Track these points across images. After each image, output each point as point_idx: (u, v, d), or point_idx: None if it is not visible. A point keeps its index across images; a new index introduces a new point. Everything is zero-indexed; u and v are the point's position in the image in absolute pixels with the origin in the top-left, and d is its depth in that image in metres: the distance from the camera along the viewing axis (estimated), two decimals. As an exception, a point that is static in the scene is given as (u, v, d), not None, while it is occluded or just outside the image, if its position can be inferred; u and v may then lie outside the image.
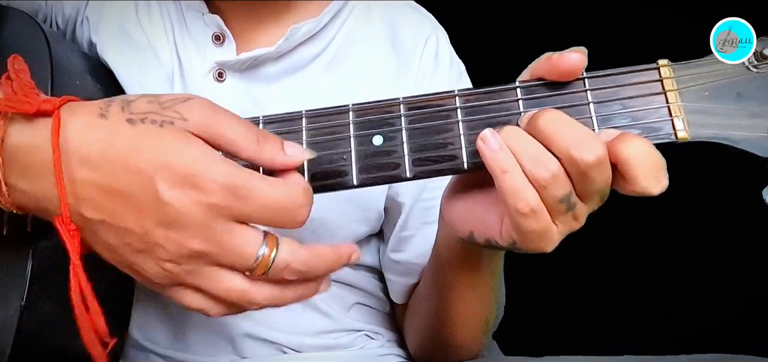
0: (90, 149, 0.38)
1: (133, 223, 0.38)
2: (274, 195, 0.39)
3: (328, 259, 0.41)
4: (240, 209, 0.38)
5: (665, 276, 1.42)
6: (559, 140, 0.40)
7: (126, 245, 0.38)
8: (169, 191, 0.37)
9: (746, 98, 0.43)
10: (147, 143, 0.38)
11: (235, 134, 0.40)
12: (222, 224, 0.38)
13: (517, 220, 0.41)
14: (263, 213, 0.39)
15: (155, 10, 0.65)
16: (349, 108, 0.45)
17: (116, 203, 0.38)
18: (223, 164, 0.38)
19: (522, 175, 0.40)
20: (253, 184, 0.38)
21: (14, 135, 0.39)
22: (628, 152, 0.40)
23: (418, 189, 0.64)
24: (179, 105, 0.39)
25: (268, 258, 0.39)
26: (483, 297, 0.58)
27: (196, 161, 0.38)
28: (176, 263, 0.38)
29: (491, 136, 0.41)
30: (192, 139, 0.38)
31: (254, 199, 0.38)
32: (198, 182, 0.37)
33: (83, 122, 0.39)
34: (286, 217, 0.39)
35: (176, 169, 0.37)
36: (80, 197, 0.38)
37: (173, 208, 0.37)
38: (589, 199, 0.42)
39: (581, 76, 0.44)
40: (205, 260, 0.38)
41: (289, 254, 0.39)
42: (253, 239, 0.39)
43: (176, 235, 0.37)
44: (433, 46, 0.66)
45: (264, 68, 0.62)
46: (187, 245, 0.38)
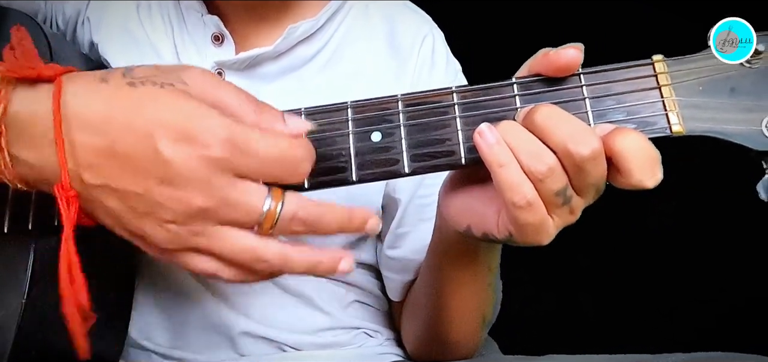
0: (91, 113, 0.38)
1: (135, 184, 0.37)
2: (275, 148, 0.39)
3: (338, 215, 0.41)
4: (241, 163, 0.38)
5: (660, 271, 1.42)
6: (556, 134, 0.41)
7: (129, 209, 0.38)
8: (168, 147, 0.37)
9: (740, 92, 0.43)
10: (147, 102, 0.38)
11: (234, 101, 0.40)
12: (224, 178, 0.37)
13: (513, 213, 0.41)
14: (265, 167, 0.38)
15: (155, 11, 0.65)
16: (348, 105, 0.45)
17: (117, 166, 0.37)
18: (222, 118, 0.38)
19: (518, 168, 0.41)
20: (254, 137, 0.38)
21: (17, 104, 0.39)
22: (623, 146, 0.40)
23: (414, 186, 0.64)
24: (179, 71, 0.40)
25: (275, 211, 0.38)
26: (480, 291, 0.59)
27: (195, 116, 0.37)
28: (181, 223, 0.38)
29: (488, 130, 0.42)
30: (191, 98, 0.38)
31: (255, 152, 0.38)
32: (197, 136, 0.37)
33: (84, 87, 0.39)
34: (288, 170, 0.39)
35: (175, 125, 0.37)
36: (81, 161, 0.38)
37: (174, 164, 0.37)
38: (584, 192, 0.42)
39: (577, 72, 0.44)
40: (209, 218, 0.38)
41: (296, 204, 0.39)
42: (257, 193, 0.38)
43: (178, 192, 0.37)
44: (429, 46, 0.67)
45: (262, 68, 0.63)
46: (190, 201, 0.37)
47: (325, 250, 0.42)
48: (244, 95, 0.41)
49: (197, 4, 0.63)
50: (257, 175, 0.39)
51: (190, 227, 0.38)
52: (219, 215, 0.38)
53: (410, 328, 0.68)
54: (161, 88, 0.38)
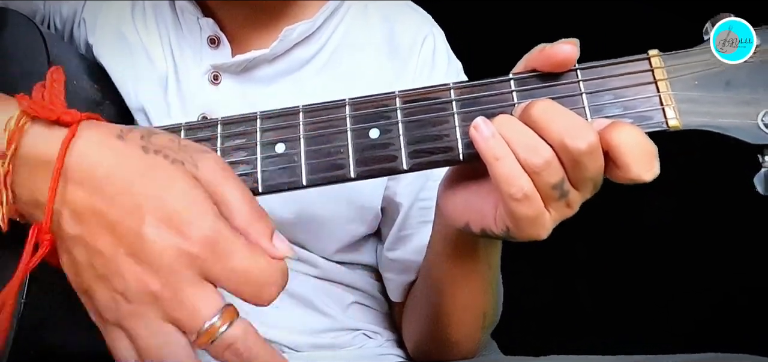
0: (97, 167, 0.38)
1: (106, 245, 0.37)
2: (250, 264, 0.37)
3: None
4: (213, 265, 0.37)
5: (658, 265, 1.42)
6: (553, 129, 0.41)
7: (90, 266, 0.38)
8: (151, 227, 0.36)
9: (735, 86, 0.43)
10: (153, 173, 0.38)
11: (236, 198, 0.39)
12: (188, 274, 0.36)
13: (510, 206, 0.41)
14: (233, 277, 0.37)
15: (151, 13, 0.65)
16: (346, 102, 0.46)
17: (98, 224, 0.37)
18: (213, 217, 0.37)
19: (515, 161, 0.41)
20: (236, 246, 0.37)
21: (29, 145, 0.39)
22: (620, 139, 0.40)
23: (415, 189, 0.64)
24: (196, 153, 0.39)
25: (216, 330, 0.36)
26: (480, 289, 0.59)
27: (190, 204, 0.37)
28: (128, 299, 0.37)
29: (483, 124, 0.42)
30: (195, 183, 0.38)
31: (230, 260, 0.37)
32: (184, 226, 0.36)
33: (98, 139, 0.39)
34: (255, 289, 0.38)
35: (168, 207, 0.37)
36: (69, 208, 0.38)
37: (148, 243, 0.36)
38: (581, 186, 0.42)
39: (574, 67, 0.45)
40: (156, 306, 0.37)
41: (240, 333, 0.37)
42: (211, 303, 0.37)
43: (139, 269, 0.36)
44: (430, 46, 0.66)
45: (259, 70, 0.63)
46: (147, 282, 0.36)
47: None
48: (248, 198, 0.40)
49: (193, 6, 0.63)
50: (223, 282, 0.37)
51: (135, 306, 0.37)
52: (166, 306, 0.37)
53: (411, 328, 0.68)
54: (172, 164, 0.38)
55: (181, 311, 0.37)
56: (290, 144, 0.45)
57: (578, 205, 0.43)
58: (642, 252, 1.43)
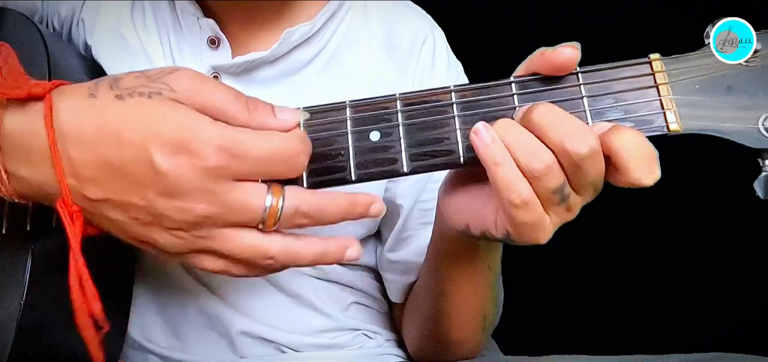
0: (84, 129, 0.38)
1: (136, 196, 0.38)
2: (270, 147, 0.39)
3: (340, 203, 0.41)
4: (238, 167, 0.38)
5: (659, 270, 1.42)
6: (553, 133, 0.41)
7: (133, 220, 0.39)
8: (164, 160, 0.37)
9: (737, 90, 0.43)
10: (137, 115, 0.38)
11: (225, 101, 0.40)
12: (223, 184, 0.38)
13: (510, 212, 0.41)
14: (262, 166, 0.39)
15: (150, 14, 0.65)
16: (347, 105, 0.45)
17: (117, 179, 0.38)
18: (213, 126, 0.38)
19: (514, 167, 0.41)
20: (247, 139, 0.38)
21: (9, 122, 0.39)
22: (620, 143, 0.40)
23: (416, 191, 0.64)
24: (166, 76, 0.40)
25: (277, 207, 0.39)
26: (480, 291, 0.59)
27: (186, 126, 0.38)
28: (185, 230, 0.38)
29: (483, 129, 0.42)
30: (180, 106, 0.38)
31: (250, 154, 0.38)
32: (191, 146, 0.37)
33: (74, 104, 0.39)
34: (285, 166, 0.40)
35: (168, 136, 0.37)
36: (81, 177, 0.38)
37: (171, 176, 0.37)
38: (582, 190, 0.42)
39: (575, 70, 0.45)
40: (213, 222, 0.38)
41: (298, 198, 0.39)
42: (257, 193, 0.39)
43: (179, 202, 0.37)
44: (430, 48, 0.66)
45: (259, 72, 0.62)
46: (192, 210, 0.38)
47: (332, 239, 0.42)
48: (233, 93, 0.41)
49: (193, 7, 0.62)
50: (255, 175, 0.39)
51: (196, 232, 0.39)
52: (222, 219, 0.38)
53: (411, 329, 0.68)
54: (149, 98, 0.38)
55: (238, 214, 0.38)
56: None
57: (579, 209, 0.43)
58: (642, 253, 1.43)
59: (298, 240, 0.41)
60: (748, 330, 1.08)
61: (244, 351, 0.64)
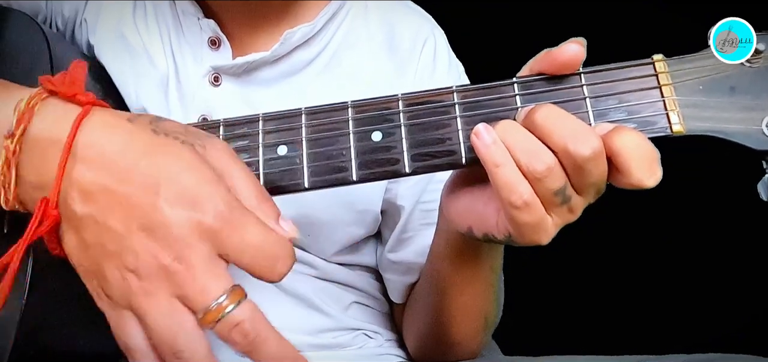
0: (109, 146, 0.38)
1: (118, 223, 0.37)
2: (263, 239, 0.38)
3: (284, 353, 0.38)
4: (227, 239, 0.37)
5: (661, 271, 1.42)
6: (555, 134, 0.41)
7: (99, 245, 0.38)
8: (167, 204, 0.37)
9: (740, 91, 0.43)
10: (164, 152, 0.38)
11: (243, 180, 0.40)
12: (202, 247, 0.37)
13: (511, 213, 0.41)
14: (247, 251, 0.38)
15: (151, 14, 0.65)
16: (348, 105, 0.45)
17: (110, 202, 0.37)
18: (227, 194, 0.38)
19: (515, 168, 0.41)
20: (249, 221, 0.38)
21: (38, 125, 0.39)
22: (622, 144, 0.40)
23: (417, 192, 0.64)
24: (204, 138, 0.40)
25: (224, 309, 0.36)
26: (482, 292, 0.59)
27: (203, 182, 0.37)
28: (139, 275, 0.37)
29: (484, 130, 0.42)
30: (206, 163, 0.38)
31: (244, 234, 0.37)
32: (198, 201, 0.37)
33: (109, 121, 0.39)
34: (268, 264, 0.38)
35: (182, 184, 0.37)
36: (77, 187, 0.38)
37: (163, 216, 0.36)
38: (584, 192, 0.42)
39: (578, 71, 0.45)
40: (167, 281, 0.37)
41: (248, 315, 0.37)
42: (220, 281, 0.37)
43: (153, 245, 0.36)
44: (430, 49, 0.66)
45: (260, 72, 0.62)
46: (159, 257, 0.36)
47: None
48: (253, 181, 0.40)
49: (194, 7, 0.62)
50: (238, 256, 0.38)
51: (146, 283, 0.37)
52: (177, 281, 0.37)
53: (412, 329, 0.68)
54: (182, 144, 0.39)
55: (192, 286, 0.37)
56: (292, 146, 0.45)
57: (581, 210, 0.43)
58: (643, 253, 1.43)
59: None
60: (749, 331, 1.08)
61: (244, 351, 0.64)
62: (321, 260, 0.65)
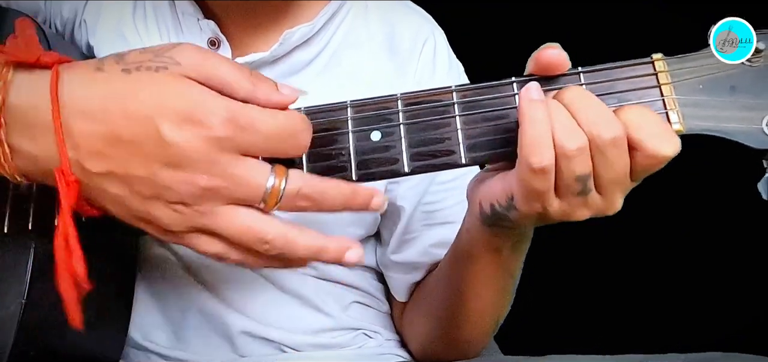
0: (89, 102, 0.38)
1: (140, 168, 0.38)
2: (275, 122, 0.39)
3: (343, 191, 0.41)
4: (244, 140, 0.38)
5: (661, 270, 1.42)
6: (582, 116, 0.41)
7: (135, 194, 0.38)
8: (171, 131, 0.37)
9: (740, 90, 0.43)
10: (144, 88, 0.38)
11: (228, 73, 0.40)
12: (228, 157, 0.38)
13: (524, 175, 0.41)
14: (267, 141, 0.39)
15: (151, 15, 0.64)
16: (347, 104, 0.45)
17: (121, 151, 0.38)
18: (221, 99, 0.39)
19: (547, 133, 0.41)
20: (254, 114, 0.39)
21: (15, 94, 0.39)
22: (628, 118, 0.41)
23: (418, 193, 0.64)
24: (171, 51, 0.40)
25: (279, 187, 0.39)
26: (498, 295, 0.58)
27: (195, 98, 0.38)
28: (187, 204, 0.38)
29: (535, 88, 0.42)
30: (186, 80, 0.39)
31: (256, 128, 0.39)
32: (199, 117, 0.37)
33: (81, 77, 0.39)
34: (289, 143, 0.40)
35: (176, 108, 0.37)
36: (83, 149, 0.38)
37: (178, 146, 0.37)
38: (604, 188, 0.42)
39: (577, 70, 0.45)
40: (215, 197, 0.38)
41: (300, 180, 0.40)
42: (261, 170, 0.39)
43: (184, 174, 0.38)
44: (430, 50, 0.66)
45: (259, 72, 0.62)
46: (196, 182, 0.38)
47: (332, 237, 0.42)
48: (237, 67, 0.41)
49: (193, 8, 0.62)
50: (260, 150, 0.39)
51: (197, 207, 0.39)
52: (224, 193, 0.39)
53: (418, 327, 0.67)
54: (156, 72, 0.39)
55: (240, 190, 0.39)
56: None
57: (594, 210, 0.43)
58: (642, 253, 1.43)
59: (297, 229, 0.41)
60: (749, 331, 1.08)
61: (244, 351, 0.64)
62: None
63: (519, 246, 0.53)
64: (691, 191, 1.24)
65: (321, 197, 0.41)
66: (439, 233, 0.64)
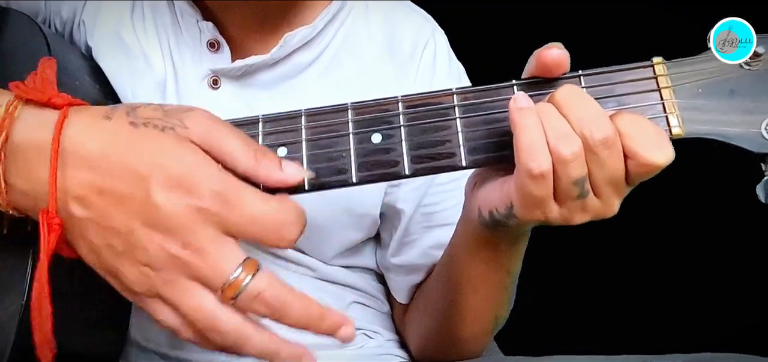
0: (91, 148, 0.38)
1: (120, 223, 0.38)
2: (263, 208, 0.38)
3: (309, 311, 0.39)
4: (228, 217, 0.38)
5: (660, 272, 1.43)
6: (573, 115, 0.41)
7: (108, 247, 0.38)
8: (160, 193, 0.37)
9: (740, 94, 0.43)
10: (147, 145, 0.38)
11: (234, 146, 0.40)
12: (207, 230, 0.37)
13: (523, 181, 0.41)
14: (251, 226, 0.38)
15: (149, 16, 0.64)
16: (348, 107, 0.45)
17: (107, 203, 0.38)
18: (218, 172, 0.38)
19: (542, 137, 0.41)
20: (245, 194, 0.38)
21: (20, 132, 0.39)
22: (621, 125, 0.41)
23: (418, 196, 0.64)
24: (182, 114, 0.40)
25: (240, 282, 0.38)
26: (496, 293, 0.58)
27: (192, 166, 0.38)
28: (154, 268, 0.38)
29: (523, 96, 0.42)
30: (191, 146, 0.39)
31: (243, 209, 0.38)
32: (191, 186, 0.37)
33: (87, 122, 0.39)
34: (274, 233, 0.39)
35: (171, 172, 0.38)
36: (72, 193, 0.38)
37: (162, 209, 0.37)
38: (601, 191, 0.42)
39: (576, 73, 0.45)
40: (180, 268, 0.38)
41: (266, 283, 0.38)
42: (232, 256, 0.38)
43: (159, 237, 0.37)
44: (430, 52, 0.66)
45: (259, 75, 0.62)
46: (168, 248, 0.37)
47: (288, 343, 0.40)
48: (243, 139, 0.41)
49: (192, 9, 0.62)
50: (243, 233, 0.38)
51: (163, 274, 0.38)
52: (189, 267, 0.38)
53: (419, 327, 0.68)
54: (162, 132, 0.39)
55: (204, 268, 0.38)
56: (292, 148, 0.45)
57: (592, 213, 0.43)
58: (643, 253, 1.43)
59: (252, 328, 0.39)
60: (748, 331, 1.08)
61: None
62: (320, 263, 0.65)
63: (517, 243, 0.53)
64: (690, 194, 1.24)
65: (282, 309, 0.39)
66: (439, 234, 0.64)
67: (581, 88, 0.43)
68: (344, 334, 0.41)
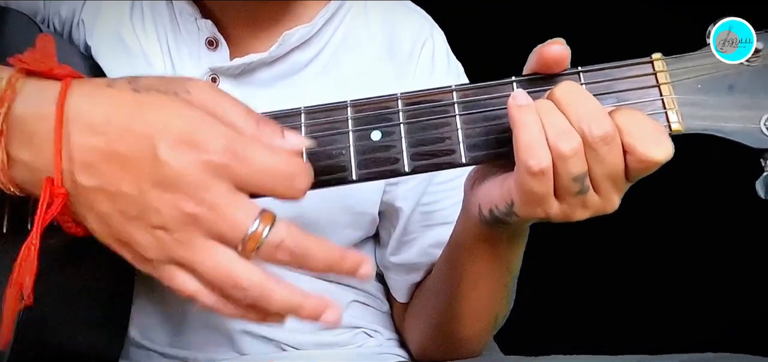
0: (94, 115, 0.38)
1: (129, 186, 0.37)
2: (273, 160, 0.38)
3: (329, 253, 0.39)
4: (238, 170, 0.37)
5: (659, 266, 1.43)
6: (572, 112, 0.41)
7: (119, 212, 0.38)
8: (168, 151, 0.37)
9: (738, 90, 0.43)
10: (149, 107, 0.38)
11: (236, 114, 0.40)
12: (219, 185, 0.37)
13: (523, 178, 0.41)
14: (262, 177, 0.38)
15: (148, 15, 0.64)
16: (348, 104, 0.46)
17: (114, 168, 0.37)
18: (223, 127, 0.38)
19: (541, 133, 0.41)
20: (254, 147, 0.38)
21: (22, 104, 0.39)
22: (620, 121, 0.41)
23: (417, 194, 0.64)
24: (185, 82, 0.40)
25: (260, 233, 0.37)
26: (496, 290, 0.58)
27: (199, 123, 0.38)
28: (168, 230, 0.37)
29: (522, 94, 0.42)
30: (193, 106, 0.39)
31: (253, 161, 0.38)
32: (198, 140, 0.37)
33: (90, 91, 0.39)
34: (286, 184, 0.39)
35: (177, 130, 0.37)
36: (78, 161, 0.38)
37: (170, 167, 0.37)
38: (600, 186, 0.42)
39: (576, 70, 0.45)
40: (196, 226, 0.37)
41: (285, 232, 0.38)
42: (248, 210, 0.38)
43: (171, 196, 0.37)
44: (429, 50, 0.66)
45: (258, 73, 0.62)
46: (181, 206, 0.37)
47: (311, 295, 0.40)
48: (245, 108, 0.41)
49: (191, 7, 0.62)
50: (254, 185, 0.38)
51: (178, 235, 0.37)
52: (206, 224, 0.37)
53: (418, 326, 0.67)
54: (165, 94, 0.39)
55: (222, 224, 0.37)
56: None
57: (593, 209, 0.43)
58: (642, 253, 1.43)
59: (274, 281, 0.39)
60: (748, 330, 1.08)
61: (244, 349, 0.64)
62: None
63: (516, 240, 0.53)
64: (689, 191, 1.24)
65: (304, 255, 0.39)
66: (438, 233, 0.64)
67: (580, 85, 0.43)
68: (364, 271, 0.41)
